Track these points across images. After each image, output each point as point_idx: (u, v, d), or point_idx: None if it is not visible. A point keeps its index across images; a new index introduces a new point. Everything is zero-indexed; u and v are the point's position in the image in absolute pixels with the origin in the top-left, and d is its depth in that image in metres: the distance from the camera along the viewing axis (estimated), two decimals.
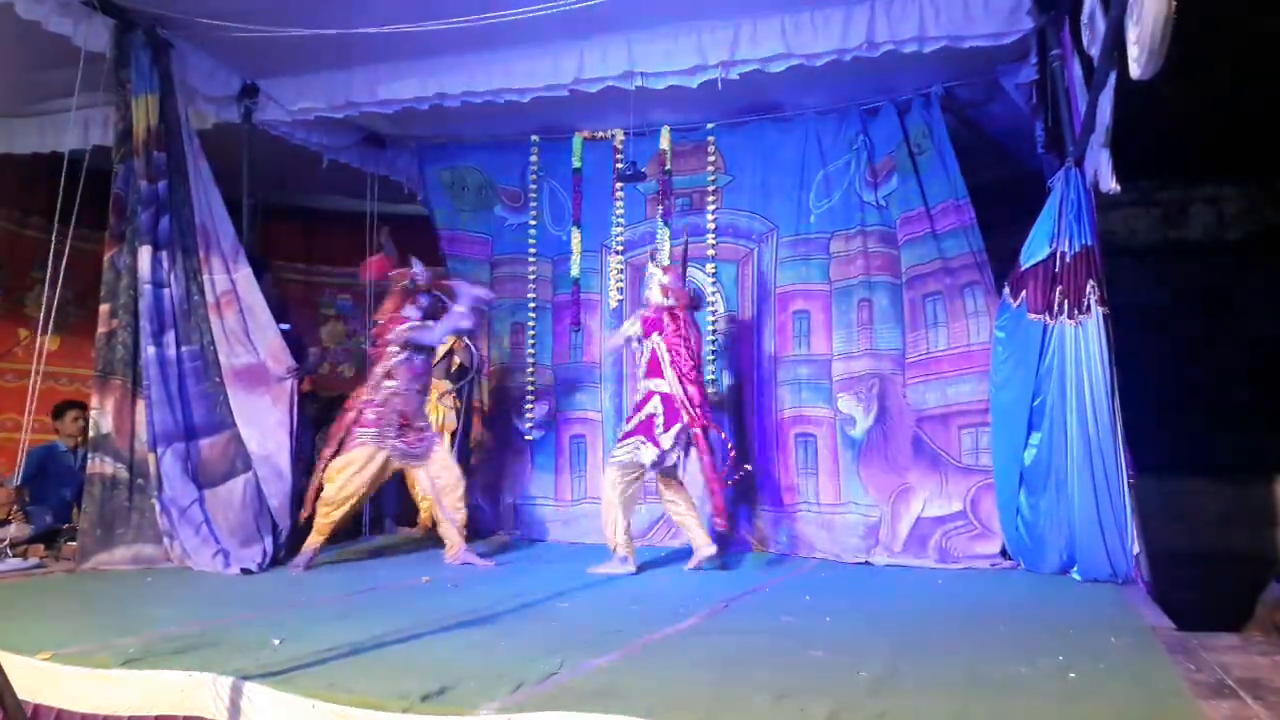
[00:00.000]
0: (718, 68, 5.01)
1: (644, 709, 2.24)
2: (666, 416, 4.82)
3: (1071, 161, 4.46)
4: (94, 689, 2.71)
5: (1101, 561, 4.32)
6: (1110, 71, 3.45)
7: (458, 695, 2.40)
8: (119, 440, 4.77)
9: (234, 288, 5.23)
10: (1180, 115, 5.99)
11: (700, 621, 3.53)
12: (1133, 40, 2.83)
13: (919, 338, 5.49)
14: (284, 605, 3.84)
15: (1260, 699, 2.32)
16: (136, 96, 4.95)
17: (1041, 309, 4.55)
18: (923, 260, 5.49)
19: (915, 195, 5.54)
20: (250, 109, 5.76)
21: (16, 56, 5.13)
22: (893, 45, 4.71)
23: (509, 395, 6.63)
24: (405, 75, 5.45)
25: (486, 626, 3.38)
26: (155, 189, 4.95)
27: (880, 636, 3.17)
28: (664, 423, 4.82)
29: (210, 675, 2.61)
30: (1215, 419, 6.92)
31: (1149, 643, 3.07)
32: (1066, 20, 4.37)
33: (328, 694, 2.42)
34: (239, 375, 5.14)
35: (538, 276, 6.59)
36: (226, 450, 5.02)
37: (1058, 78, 4.59)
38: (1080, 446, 4.35)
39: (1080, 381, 4.36)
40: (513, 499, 6.49)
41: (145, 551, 4.74)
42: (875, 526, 5.40)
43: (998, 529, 4.99)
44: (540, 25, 4.76)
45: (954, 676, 2.64)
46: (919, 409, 5.41)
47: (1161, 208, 7.56)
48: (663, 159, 6.23)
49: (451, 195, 6.82)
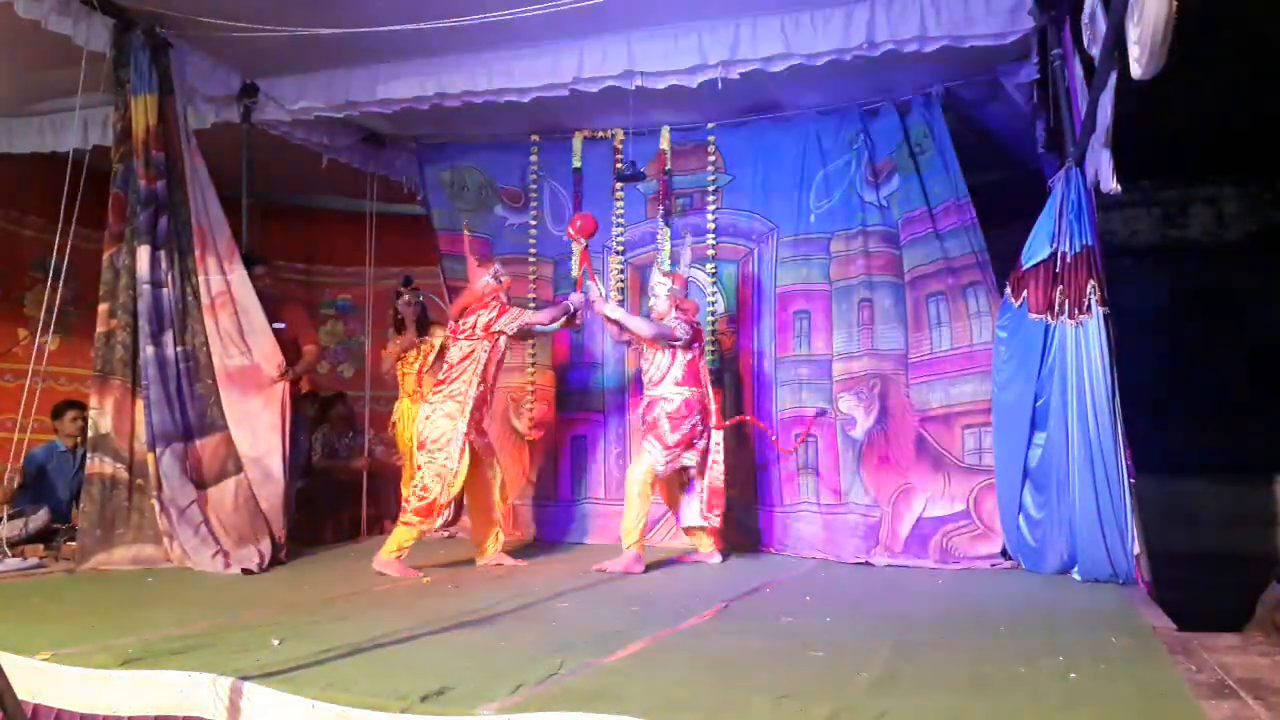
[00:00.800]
0: (718, 67, 5.01)
1: (644, 709, 2.24)
2: (702, 420, 5.00)
3: (1072, 161, 4.46)
4: (94, 689, 2.71)
5: (1102, 562, 4.32)
6: (1111, 71, 3.45)
7: (457, 695, 2.40)
8: (118, 440, 4.77)
9: (229, 288, 5.22)
10: (1181, 115, 6.00)
11: (700, 621, 3.52)
12: (1133, 40, 2.83)
13: (922, 338, 5.49)
14: (283, 606, 3.83)
15: (1261, 699, 2.31)
16: (135, 96, 4.94)
17: (1043, 309, 4.55)
18: (926, 260, 5.49)
19: (917, 195, 5.54)
20: (250, 108, 5.76)
21: (15, 56, 5.13)
22: (893, 45, 4.71)
23: (509, 395, 6.62)
24: (405, 75, 5.45)
25: (486, 627, 3.38)
26: (154, 189, 4.95)
27: (880, 637, 3.17)
28: (700, 427, 5.00)
29: (210, 675, 2.60)
30: (1215, 419, 6.92)
31: (1149, 643, 3.07)
32: (1067, 20, 4.36)
33: (327, 694, 2.42)
34: (232, 377, 5.13)
35: (538, 276, 6.58)
36: (218, 452, 5.00)
37: (1058, 77, 4.58)
38: (1081, 447, 4.35)
39: (1081, 382, 4.36)
40: (512, 500, 6.48)
41: (145, 552, 4.74)
42: (875, 526, 5.39)
43: (999, 529, 4.99)
44: (540, 25, 4.77)
45: (954, 677, 2.64)
46: (922, 409, 5.41)
47: (1162, 208, 7.57)
48: (663, 159, 6.23)
49: (451, 195, 6.82)
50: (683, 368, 5.00)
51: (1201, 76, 5.26)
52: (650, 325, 5.00)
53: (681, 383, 4.99)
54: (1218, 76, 5.54)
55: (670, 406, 4.96)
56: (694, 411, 4.98)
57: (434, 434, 4.78)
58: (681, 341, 4.98)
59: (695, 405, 4.99)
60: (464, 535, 6.47)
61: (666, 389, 5.00)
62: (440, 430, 4.77)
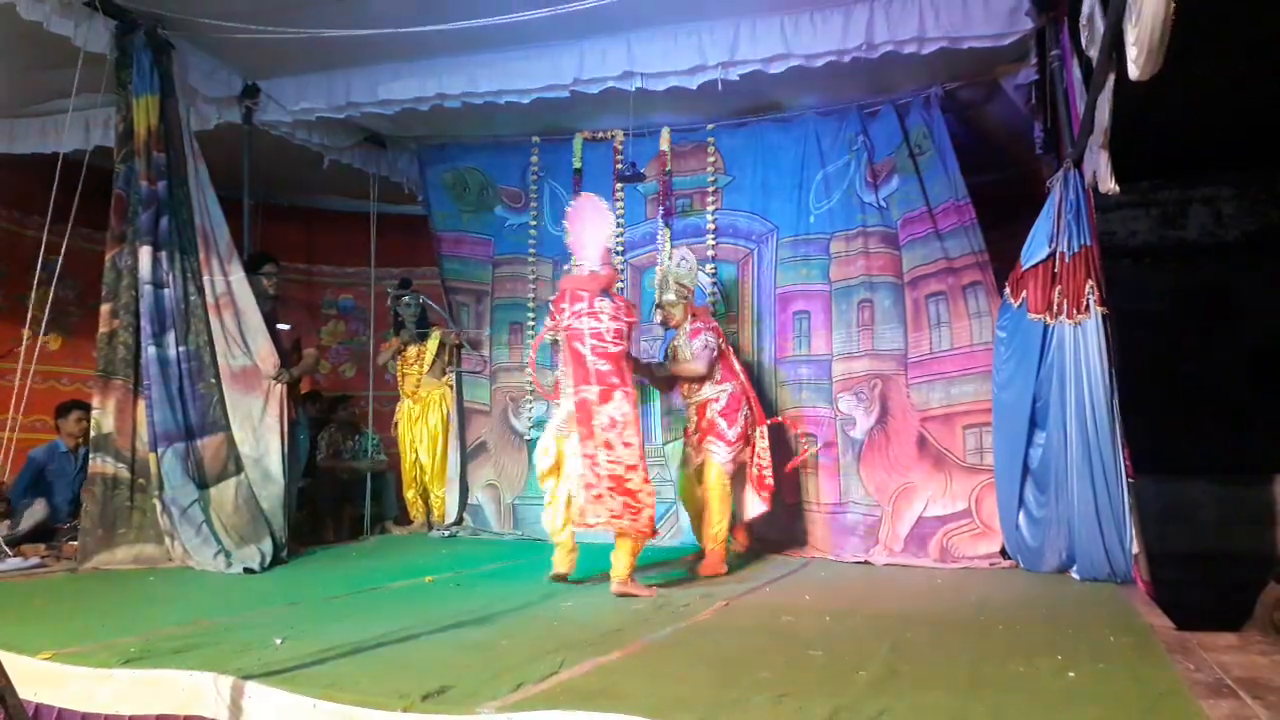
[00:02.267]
0: (718, 68, 5.02)
1: (644, 709, 2.25)
2: (753, 413, 5.06)
3: (1070, 162, 4.46)
4: (95, 689, 2.71)
5: (1100, 561, 4.33)
6: (1109, 72, 3.46)
7: (458, 694, 2.41)
8: (120, 440, 4.78)
9: (230, 290, 5.24)
10: (1179, 116, 6.01)
11: (700, 621, 3.53)
12: (1131, 41, 2.84)
13: (922, 338, 5.49)
14: (285, 605, 3.84)
15: (1259, 698, 2.32)
16: (137, 97, 4.96)
17: (1042, 309, 4.56)
18: (926, 260, 5.49)
19: (917, 196, 5.54)
20: (251, 109, 5.78)
21: (17, 57, 5.15)
22: (892, 46, 4.72)
23: (509, 395, 6.63)
24: (406, 76, 5.46)
25: (487, 626, 3.39)
26: (155, 190, 4.96)
27: (880, 636, 3.17)
28: (751, 418, 5.05)
29: (212, 675, 2.61)
30: (1215, 419, 6.94)
31: (1148, 642, 3.08)
32: (1065, 21, 4.37)
33: (329, 693, 2.43)
34: (236, 377, 5.15)
35: (537, 276, 6.59)
36: (220, 451, 5.02)
37: (1057, 78, 4.60)
38: (1079, 446, 4.36)
39: (1079, 381, 4.37)
40: (512, 498, 6.50)
41: (147, 551, 4.75)
42: (875, 526, 5.41)
43: (999, 528, 4.99)
44: (540, 26, 4.77)
45: (953, 676, 2.65)
46: (922, 409, 5.42)
47: (1160, 208, 7.59)
48: (663, 159, 6.24)
49: (453, 196, 6.83)
50: (717, 366, 5.03)
51: (1200, 77, 5.27)
52: (698, 360, 4.95)
53: (721, 380, 5.02)
54: (1216, 77, 5.54)
55: (720, 405, 4.97)
56: (742, 403, 5.00)
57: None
58: (717, 350, 4.99)
59: (740, 396, 5.02)
60: (467, 534, 6.49)
61: (709, 390, 5.00)
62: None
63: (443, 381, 6.70)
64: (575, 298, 4.25)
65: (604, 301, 4.23)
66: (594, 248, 4.35)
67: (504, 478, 6.55)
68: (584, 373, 4.14)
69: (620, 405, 4.09)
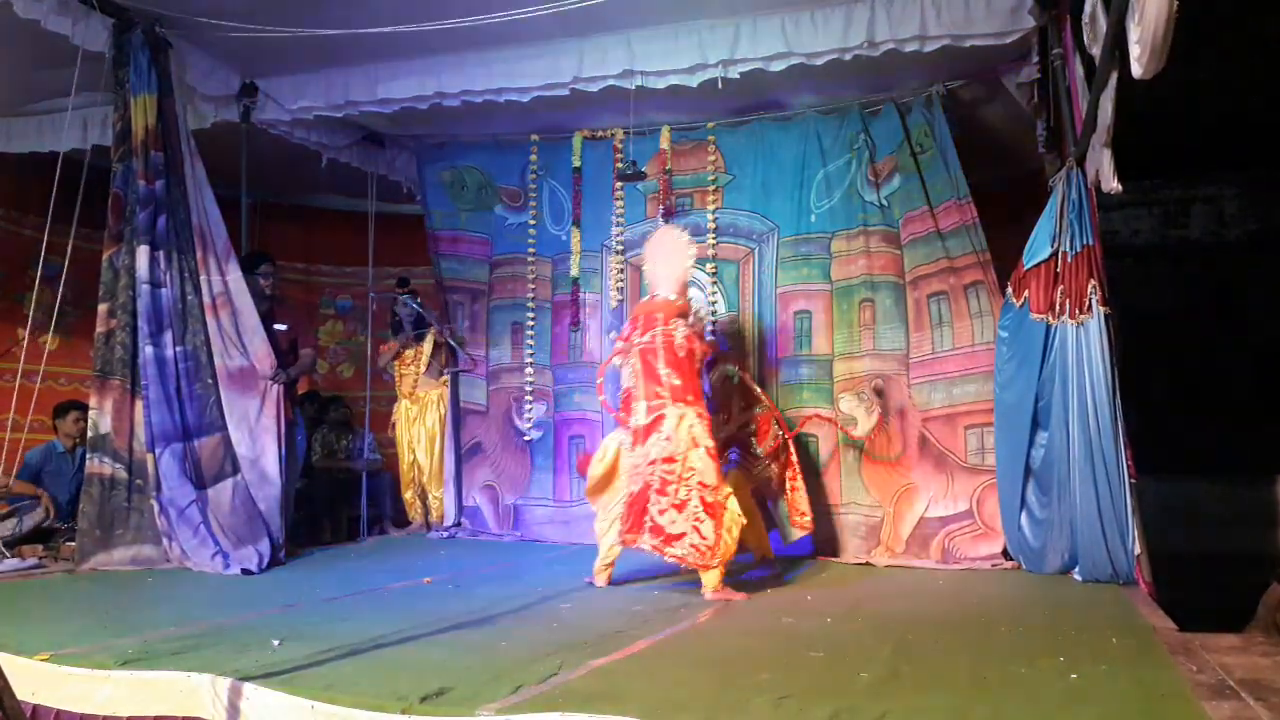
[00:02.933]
0: (718, 67, 5.00)
1: (644, 710, 2.24)
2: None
3: (1073, 161, 4.45)
4: (93, 690, 2.71)
5: (1102, 562, 4.31)
6: (1111, 71, 3.44)
7: (457, 696, 2.39)
8: (118, 440, 4.76)
9: (227, 289, 5.22)
10: (1181, 115, 6.00)
11: (700, 622, 3.52)
12: (1134, 40, 2.82)
13: (923, 338, 5.48)
14: (283, 606, 3.83)
15: (1262, 700, 2.31)
16: (135, 96, 4.94)
17: (1044, 309, 4.55)
18: (928, 260, 5.47)
19: (918, 195, 5.53)
20: (249, 108, 5.75)
21: (15, 56, 5.13)
22: (893, 44, 4.70)
23: (510, 396, 6.61)
24: (404, 75, 5.44)
25: (486, 628, 3.38)
26: (153, 189, 4.94)
27: (881, 637, 3.16)
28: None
29: (209, 676, 2.60)
30: (1216, 419, 6.92)
31: (1150, 643, 3.07)
32: (1068, 19, 4.35)
33: (327, 695, 2.42)
34: (233, 377, 5.13)
35: (537, 276, 6.58)
36: (216, 452, 5.00)
37: (1059, 77, 4.58)
38: (1081, 447, 4.35)
39: (1081, 381, 4.36)
40: (513, 499, 6.48)
41: (144, 552, 4.73)
42: (877, 526, 5.39)
43: (1000, 529, 4.98)
44: (540, 25, 4.76)
45: (955, 677, 2.64)
46: (924, 409, 5.40)
47: (1163, 207, 7.57)
48: (663, 158, 6.22)
49: (452, 195, 6.81)
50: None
51: (1202, 76, 5.26)
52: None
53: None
54: (1218, 76, 5.54)
55: (752, 426, 5.01)
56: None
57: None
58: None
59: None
60: (465, 535, 6.48)
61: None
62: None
63: (440, 382, 6.69)
64: (650, 321, 4.36)
65: (678, 322, 4.35)
66: (671, 281, 4.48)
67: (504, 478, 6.53)
68: (657, 387, 4.22)
69: (693, 422, 4.16)
